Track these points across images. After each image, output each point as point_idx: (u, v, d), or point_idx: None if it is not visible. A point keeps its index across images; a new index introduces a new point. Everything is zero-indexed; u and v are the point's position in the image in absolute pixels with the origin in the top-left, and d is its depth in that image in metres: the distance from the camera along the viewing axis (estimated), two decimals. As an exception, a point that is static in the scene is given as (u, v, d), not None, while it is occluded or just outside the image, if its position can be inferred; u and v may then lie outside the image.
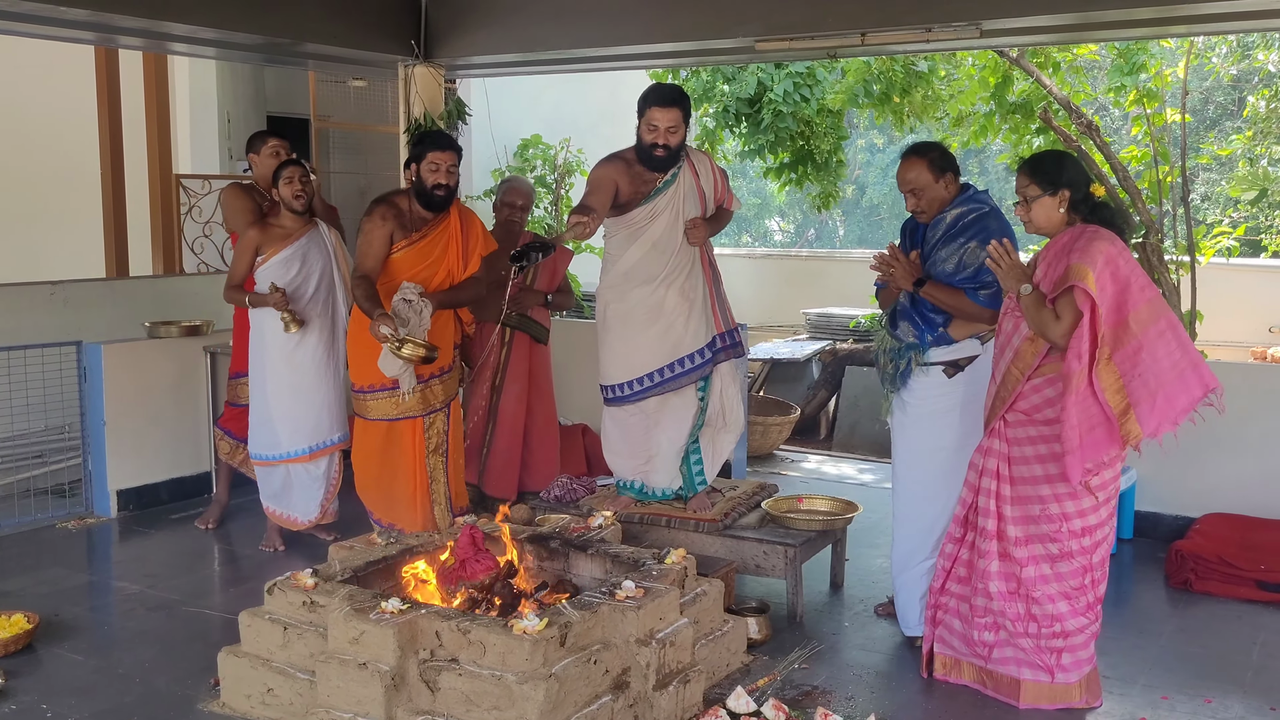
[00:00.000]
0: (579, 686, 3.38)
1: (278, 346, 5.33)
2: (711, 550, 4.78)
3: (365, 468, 5.09)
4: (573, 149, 10.34)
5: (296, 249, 5.34)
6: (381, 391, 4.92)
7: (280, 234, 5.34)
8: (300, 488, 5.50)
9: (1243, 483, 5.64)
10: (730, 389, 4.96)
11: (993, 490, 3.84)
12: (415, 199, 4.91)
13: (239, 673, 3.77)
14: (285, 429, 5.41)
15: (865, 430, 8.51)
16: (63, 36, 5.87)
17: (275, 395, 5.39)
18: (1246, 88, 12.88)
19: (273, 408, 5.40)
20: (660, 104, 4.64)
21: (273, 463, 5.46)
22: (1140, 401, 3.60)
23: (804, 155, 9.72)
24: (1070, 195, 3.76)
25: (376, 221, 4.86)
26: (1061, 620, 3.79)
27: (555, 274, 5.74)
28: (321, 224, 5.50)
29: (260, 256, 5.32)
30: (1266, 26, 6.31)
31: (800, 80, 9.19)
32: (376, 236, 4.84)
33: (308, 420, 5.42)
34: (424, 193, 4.86)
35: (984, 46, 6.66)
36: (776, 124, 9.26)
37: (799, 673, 4.14)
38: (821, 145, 9.61)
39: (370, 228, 4.85)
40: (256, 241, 5.34)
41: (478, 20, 6.48)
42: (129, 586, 5.07)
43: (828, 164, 9.82)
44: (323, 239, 5.47)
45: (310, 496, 5.51)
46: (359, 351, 4.97)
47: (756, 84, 9.17)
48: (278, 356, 5.37)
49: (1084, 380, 3.57)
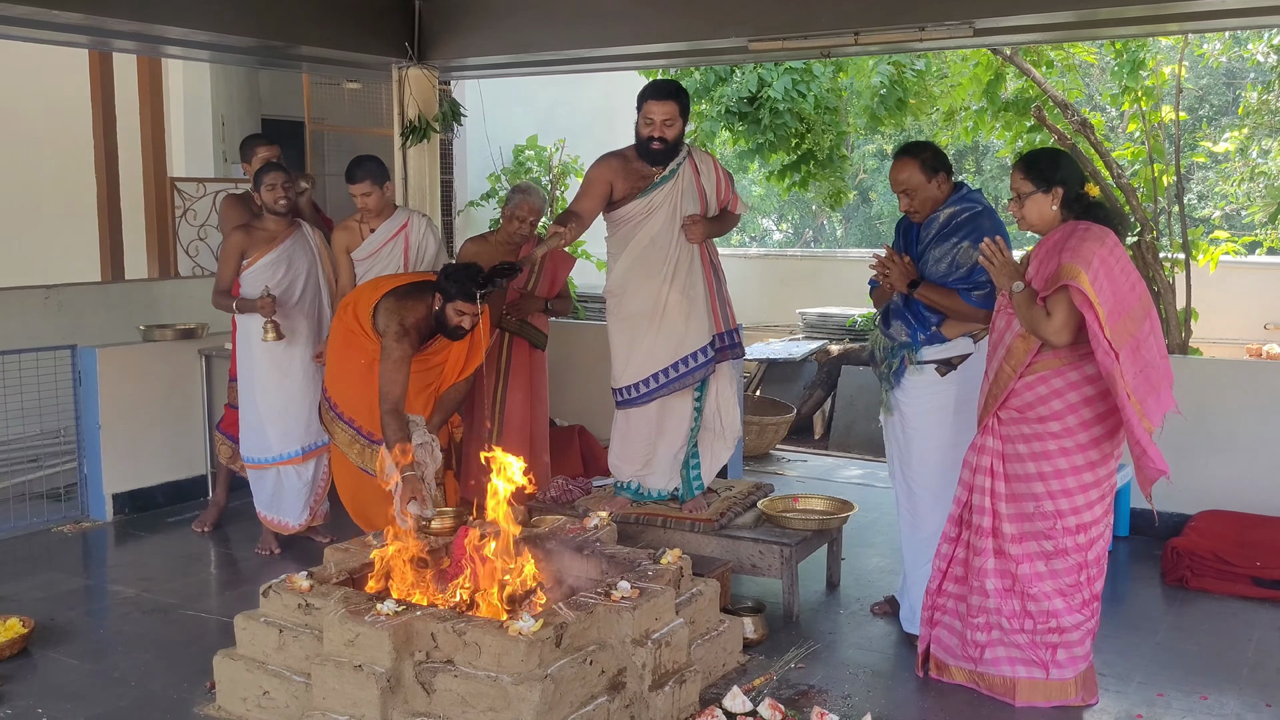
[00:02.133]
0: (575, 687, 3.38)
1: (267, 350, 5.33)
2: (707, 550, 4.78)
3: (348, 495, 5.13)
4: (568, 151, 10.34)
5: (282, 252, 5.33)
6: (350, 426, 4.97)
7: (265, 237, 5.33)
8: (291, 491, 5.51)
9: (1238, 480, 5.64)
10: (726, 392, 4.96)
11: (987, 488, 3.85)
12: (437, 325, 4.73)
13: (234, 676, 3.77)
14: (276, 432, 5.42)
15: (861, 430, 8.51)
16: (56, 40, 5.86)
17: (265, 399, 5.40)
18: (1241, 83, 12.91)
19: (263, 411, 5.41)
20: (656, 97, 4.67)
21: (265, 465, 5.46)
22: (1145, 397, 3.61)
23: (806, 155, 9.63)
24: (1064, 193, 3.76)
25: (408, 349, 4.65)
26: (1058, 616, 3.80)
27: (556, 280, 5.73)
28: (305, 225, 5.50)
29: (245, 260, 5.31)
30: (1259, 24, 6.33)
31: (799, 77, 9.16)
32: (407, 364, 4.65)
33: (298, 422, 5.43)
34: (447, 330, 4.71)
35: (977, 45, 6.67)
36: (775, 121, 9.21)
37: (795, 672, 4.14)
38: (822, 142, 9.56)
39: (400, 355, 4.62)
40: (241, 246, 5.32)
41: (471, 22, 6.48)
42: (124, 590, 5.07)
43: (830, 160, 9.75)
44: (307, 241, 5.47)
45: (299, 499, 5.52)
46: (339, 369, 4.98)
47: (758, 80, 9.12)
48: (267, 360, 5.37)
49: (1121, 374, 3.53)
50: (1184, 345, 7.18)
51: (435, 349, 4.89)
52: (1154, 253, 7.14)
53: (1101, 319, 3.53)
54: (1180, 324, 7.16)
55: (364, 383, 4.86)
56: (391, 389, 4.61)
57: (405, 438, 4.53)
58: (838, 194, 10.12)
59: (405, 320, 4.68)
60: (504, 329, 5.49)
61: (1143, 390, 3.62)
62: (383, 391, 4.62)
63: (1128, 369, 3.59)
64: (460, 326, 4.67)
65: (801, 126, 9.35)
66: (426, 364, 4.89)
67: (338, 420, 5.02)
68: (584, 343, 7.10)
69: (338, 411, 5.01)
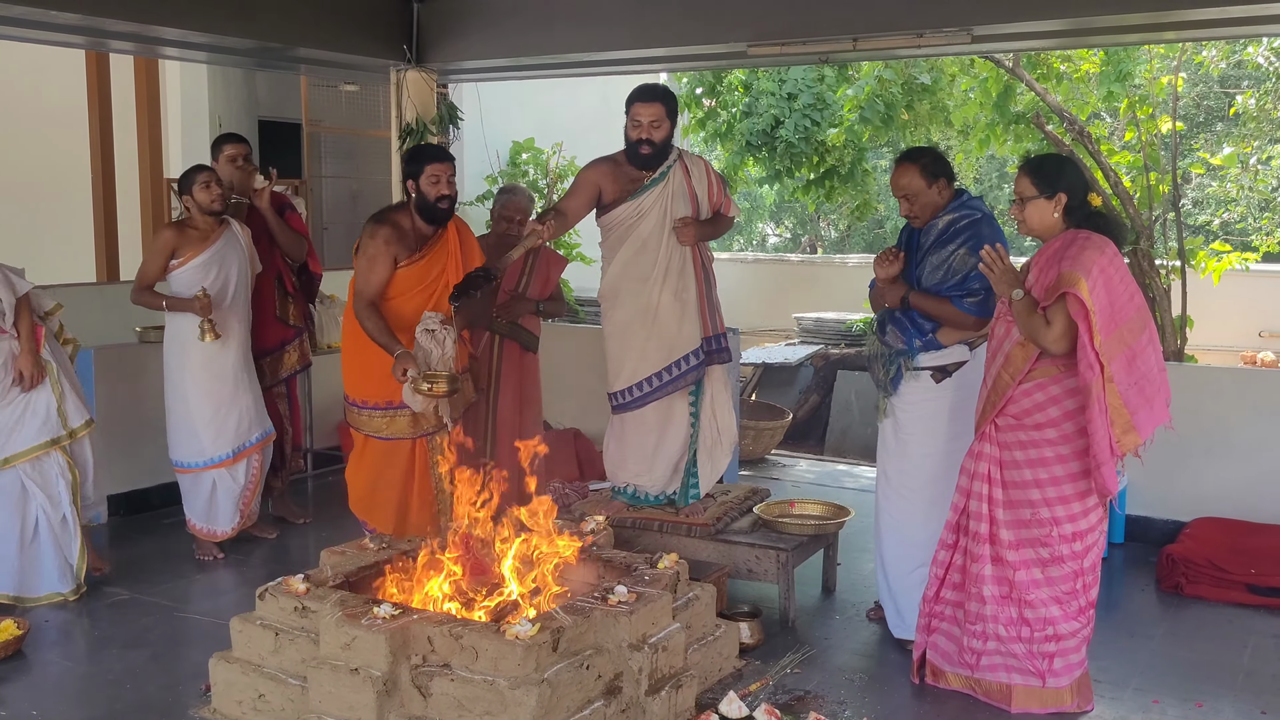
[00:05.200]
0: (571, 692, 3.38)
1: (200, 351, 5.29)
2: (704, 555, 4.78)
3: (360, 483, 5.04)
4: (565, 153, 10.35)
5: (214, 252, 5.29)
6: (376, 410, 4.90)
7: (197, 237, 5.29)
8: (224, 494, 5.49)
9: (1233, 487, 5.65)
10: (721, 397, 4.96)
11: (984, 494, 3.85)
12: (417, 214, 4.80)
13: (230, 678, 3.76)
14: (209, 435, 5.39)
15: (857, 435, 8.52)
16: (53, 40, 5.86)
17: (198, 402, 5.37)
18: (1237, 91, 12.95)
19: (195, 414, 5.38)
20: (642, 99, 4.70)
21: (199, 470, 5.44)
22: (1138, 409, 3.63)
23: (829, 171, 10.14)
24: (1067, 200, 3.77)
25: (380, 246, 4.70)
26: (1054, 624, 3.80)
27: (548, 281, 5.71)
28: (234, 224, 5.45)
29: (176, 260, 5.27)
30: (1257, 33, 6.36)
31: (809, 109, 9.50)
32: (381, 262, 4.71)
33: (230, 423, 5.42)
34: (427, 206, 4.75)
35: (975, 52, 6.70)
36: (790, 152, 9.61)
37: (791, 677, 4.14)
38: (844, 158, 9.94)
39: (374, 252, 4.70)
40: (172, 244, 5.26)
41: (469, 25, 6.48)
42: (120, 592, 5.05)
43: (852, 174, 10.07)
44: (238, 240, 5.43)
45: (231, 502, 5.50)
46: (356, 366, 4.92)
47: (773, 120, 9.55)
48: (200, 363, 5.33)
49: (1101, 388, 3.57)
50: (1179, 352, 7.20)
51: (430, 257, 4.82)
52: (1150, 260, 7.16)
53: (1094, 329, 3.54)
54: (1176, 331, 7.19)
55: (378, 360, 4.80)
56: (365, 287, 4.70)
57: (386, 329, 4.62)
58: (863, 206, 10.69)
59: (379, 222, 4.76)
60: (494, 331, 5.46)
61: (1136, 402, 3.62)
62: (357, 289, 4.71)
63: (1121, 380, 3.59)
64: (441, 194, 4.73)
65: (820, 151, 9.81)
66: (425, 275, 4.82)
67: (364, 411, 4.92)
68: (579, 346, 7.10)
69: (362, 404, 4.93)
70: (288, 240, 5.81)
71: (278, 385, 5.99)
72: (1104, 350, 3.57)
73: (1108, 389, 3.58)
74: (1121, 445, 3.62)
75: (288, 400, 6.13)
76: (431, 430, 4.90)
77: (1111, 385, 3.59)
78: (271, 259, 5.79)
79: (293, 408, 6.19)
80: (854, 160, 10.01)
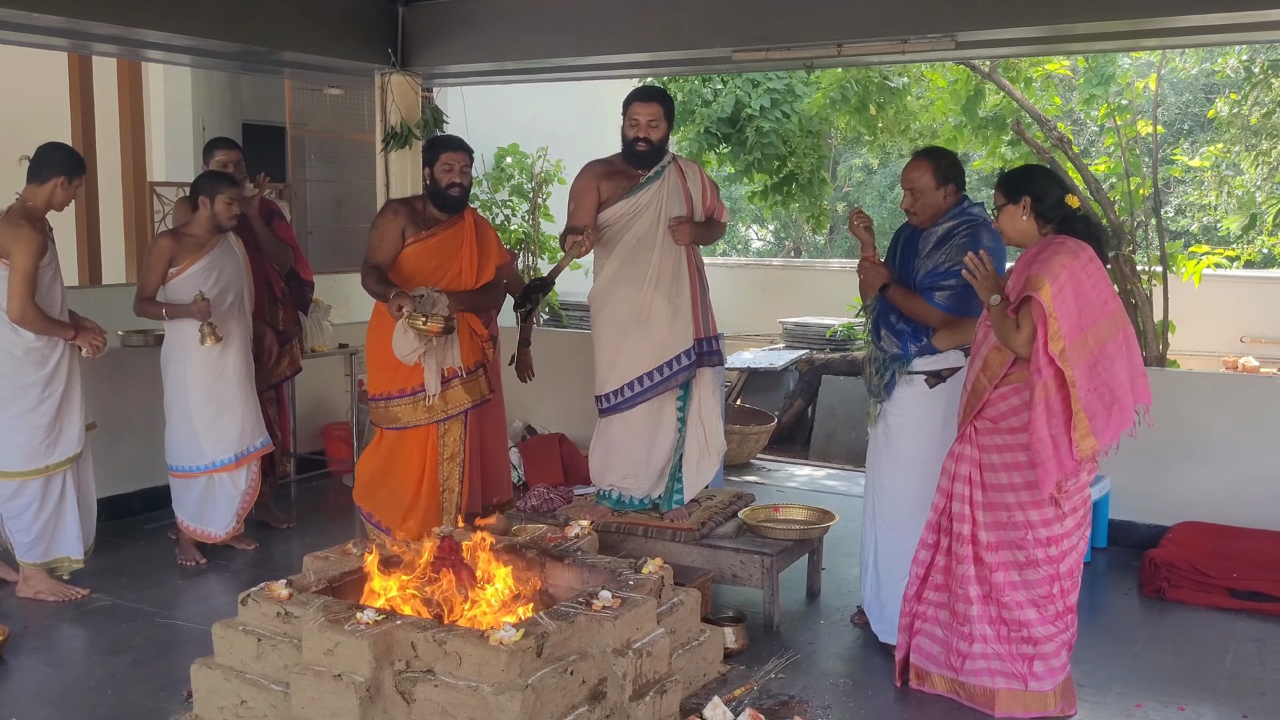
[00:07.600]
0: (555, 697, 3.37)
1: (202, 356, 5.29)
2: (688, 560, 4.78)
3: (368, 471, 5.09)
4: (550, 158, 10.34)
5: (212, 259, 5.30)
6: (402, 397, 4.91)
7: (194, 244, 5.29)
8: (222, 499, 5.47)
9: (1215, 491, 5.68)
10: (709, 402, 4.96)
11: (966, 495, 3.87)
12: (430, 200, 4.96)
13: (212, 684, 3.73)
14: (210, 439, 5.39)
15: (842, 439, 8.53)
16: (36, 43, 5.82)
17: (200, 407, 5.36)
18: (1214, 95, 13.04)
19: (197, 419, 5.37)
20: (641, 99, 4.78)
21: (195, 474, 5.43)
22: (1096, 415, 3.63)
23: (788, 177, 9.90)
24: (1033, 203, 3.78)
25: (389, 216, 4.92)
26: (1029, 627, 3.81)
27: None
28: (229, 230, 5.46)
29: (174, 268, 5.27)
30: (1236, 40, 6.40)
31: (779, 96, 9.29)
32: (389, 231, 4.88)
33: (233, 427, 5.41)
34: (438, 192, 4.90)
35: (959, 59, 6.72)
36: (761, 141, 9.37)
37: (776, 682, 4.14)
38: (803, 165, 9.76)
39: (382, 222, 4.91)
40: (170, 252, 5.27)
41: (455, 29, 6.47)
42: (101, 598, 5.02)
43: (810, 184, 9.98)
44: (233, 247, 5.45)
45: (230, 507, 5.49)
46: (378, 354, 4.95)
47: (735, 103, 9.27)
48: (202, 367, 5.33)
49: (1045, 393, 3.59)
50: (1161, 358, 7.23)
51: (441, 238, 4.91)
52: (1131, 265, 7.19)
53: (1050, 333, 3.55)
54: (1158, 336, 7.22)
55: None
56: (372, 254, 4.87)
57: (384, 279, 4.74)
58: (818, 216, 10.43)
59: (394, 200, 4.98)
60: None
61: (1094, 408, 3.62)
62: (365, 257, 4.88)
63: (1081, 385, 3.60)
64: (452, 182, 4.86)
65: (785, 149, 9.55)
66: (434, 255, 4.91)
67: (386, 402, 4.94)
68: (566, 351, 7.09)
69: (385, 396, 4.94)
70: (272, 247, 5.83)
71: (267, 391, 5.98)
72: (1068, 355, 3.58)
73: (1072, 393, 3.59)
74: (1079, 449, 3.62)
75: (277, 405, 6.15)
76: (457, 412, 4.92)
77: (1073, 390, 3.60)
78: (260, 265, 5.80)
79: (281, 413, 6.22)
80: (813, 168, 9.95)
